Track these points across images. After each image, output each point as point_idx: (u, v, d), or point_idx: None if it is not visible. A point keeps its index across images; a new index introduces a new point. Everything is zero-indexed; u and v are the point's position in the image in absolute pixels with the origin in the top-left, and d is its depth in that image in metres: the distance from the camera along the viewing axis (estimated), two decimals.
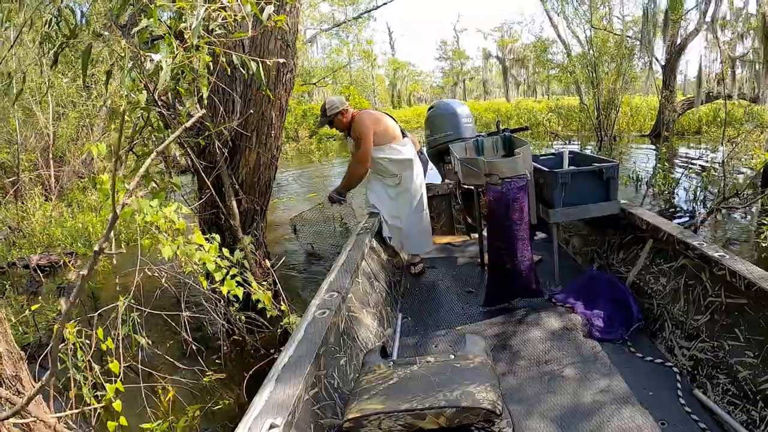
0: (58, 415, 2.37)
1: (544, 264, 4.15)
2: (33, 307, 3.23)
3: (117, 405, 2.35)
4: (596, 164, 3.77)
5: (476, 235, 4.64)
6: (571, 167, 4.12)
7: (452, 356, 2.11)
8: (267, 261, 4.26)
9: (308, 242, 5.94)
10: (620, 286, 3.28)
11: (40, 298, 5.27)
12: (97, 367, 2.61)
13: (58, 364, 2.49)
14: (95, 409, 2.55)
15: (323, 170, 14.36)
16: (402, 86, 48.82)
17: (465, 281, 4.10)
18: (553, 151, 6.08)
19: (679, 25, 16.36)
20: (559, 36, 20.67)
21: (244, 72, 2.38)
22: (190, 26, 2.13)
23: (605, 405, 2.44)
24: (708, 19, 15.50)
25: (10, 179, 9.26)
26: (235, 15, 2.31)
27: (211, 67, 2.80)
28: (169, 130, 3.42)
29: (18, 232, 7.92)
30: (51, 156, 10.69)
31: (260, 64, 2.38)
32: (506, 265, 3.36)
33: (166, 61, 2.01)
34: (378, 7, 22.44)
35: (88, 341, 2.64)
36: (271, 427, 1.57)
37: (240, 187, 4.01)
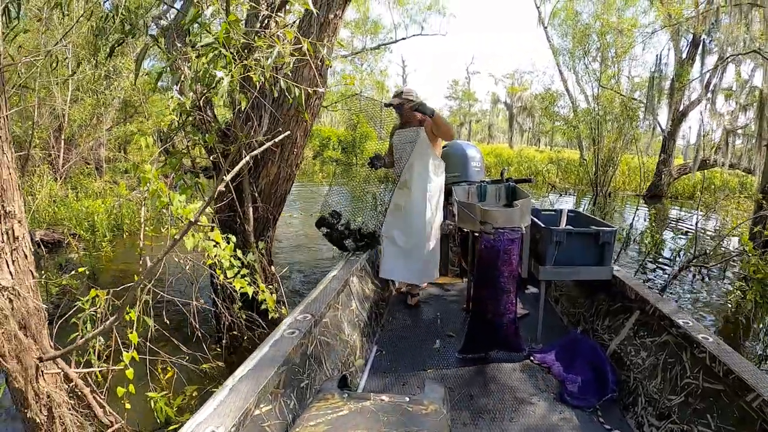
0: (78, 370, 2.62)
1: (530, 319, 4.10)
2: (60, 279, 3.48)
3: (129, 373, 2.60)
4: (594, 227, 3.77)
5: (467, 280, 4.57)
6: (568, 227, 4.09)
7: (407, 398, 2.06)
8: (272, 267, 4.56)
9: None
10: (600, 354, 3.24)
11: (42, 271, 5.51)
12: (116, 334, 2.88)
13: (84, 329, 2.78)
14: (111, 371, 2.81)
15: (324, 191, 14.72)
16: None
17: (447, 324, 4.07)
18: (551, 203, 6.27)
19: (683, 93, 16.96)
20: (567, 90, 21.30)
21: (287, 95, 2.70)
22: (258, 59, 2.46)
23: None
24: (711, 89, 16.12)
25: (21, 153, 9.50)
26: (284, 45, 2.63)
27: (257, 85, 3.15)
28: (199, 134, 3.77)
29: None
30: (63, 137, 10.98)
31: (301, 90, 2.71)
32: (488, 315, 3.33)
33: (226, 77, 2.34)
34: (397, 41, 23.10)
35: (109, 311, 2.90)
36: None
37: (258, 195, 4.32)
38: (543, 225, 3.72)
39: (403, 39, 24.87)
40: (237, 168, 2.28)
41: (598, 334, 3.60)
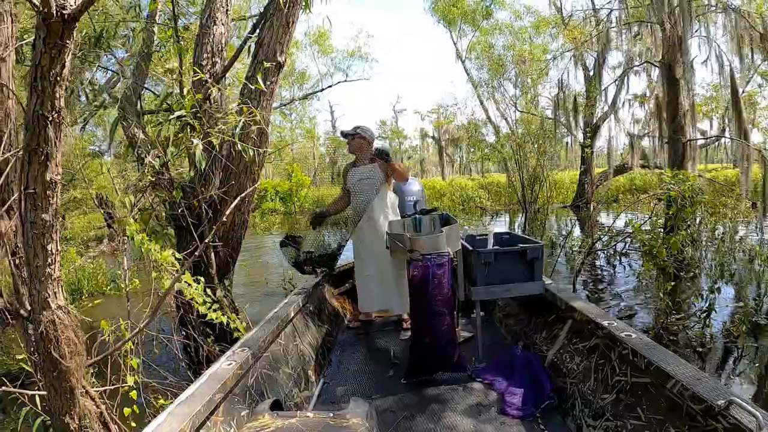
0: (99, 388, 3.18)
1: (474, 340, 4.09)
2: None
3: (134, 394, 3.17)
4: (521, 245, 3.91)
5: None
6: (495, 247, 4.20)
7: (331, 414, 2.15)
8: (234, 303, 5.17)
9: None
10: (536, 364, 3.36)
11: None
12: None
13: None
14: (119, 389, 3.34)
15: (263, 241, 15.39)
16: (342, 163, 50.36)
17: (394, 352, 4.14)
18: (484, 226, 6.66)
19: (595, 107, 18.55)
20: (489, 118, 22.75)
21: (240, 153, 3.39)
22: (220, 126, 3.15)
23: None
24: (613, 100, 17.84)
25: None
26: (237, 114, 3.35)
27: (217, 147, 3.84)
28: (165, 192, 4.40)
29: None
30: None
31: (255, 151, 3.42)
32: (426, 339, 3.42)
33: (199, 146, 3.03)
34: (323, 89, 24.10)
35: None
36: None
37: (218, 241, 4.93)
38: (471, 248, 3.86)
39: (330, 87, 26.05)
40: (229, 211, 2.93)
41: (537, 347, 3.68)
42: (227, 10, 5.40)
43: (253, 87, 4.21)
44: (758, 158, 11.32)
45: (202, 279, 3.97)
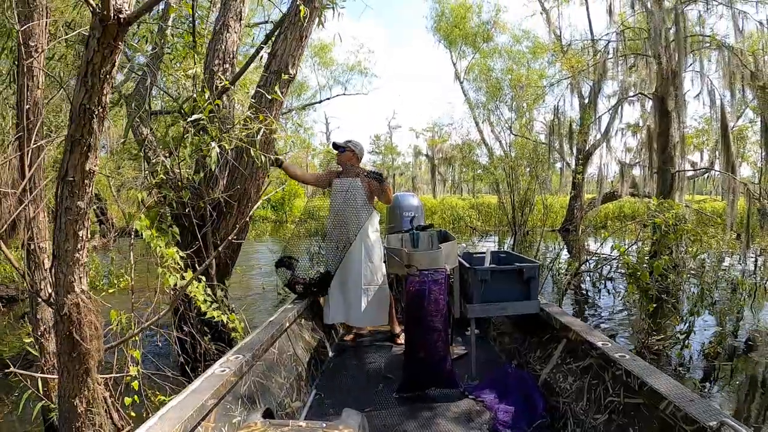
0: (104, 376, 3.28)
1: (468, 358, 4.09)
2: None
3: (135, 384, 3.29)
4: (518, 263, 3.92)
5: None
6: (492, 265, 4.24)
7: (324, 424, 2.13)
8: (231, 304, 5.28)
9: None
10: (529, 382, 3.37)
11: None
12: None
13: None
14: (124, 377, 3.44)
15: (257, 248, 15.57)
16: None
17: (387, 365, 4.15)
18: (474, 245, 6.76)
19: (588, 134, 18.88)
20: (483, 140, 23.04)
21: (253, 159, 3.54)
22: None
23: None
24: (606, 129, 18.22)
25: None
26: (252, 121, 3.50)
27: (228, 151, 3.98)
28: (172, 191, 4.52)
29: None
30: None
31: (267, 157, 3.56)
32: (420, 354, 3.43)
33: (216, 149, 3.17)
34: (321, 101, 24.33)
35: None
36: None
37: (219, 243, 5.04)
38: (469, 266, 3.86)
39: (328, 99, 26.29)
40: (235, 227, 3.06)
41: (531, 366, 3.68)
42: (240, 18, 5.56)
43: (270, 97, 4.37)
44: (744, 191, 11.63)
45: (203, 278, 4.09)
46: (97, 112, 1.82)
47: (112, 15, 1.64)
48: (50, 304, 2.70)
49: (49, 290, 2.65)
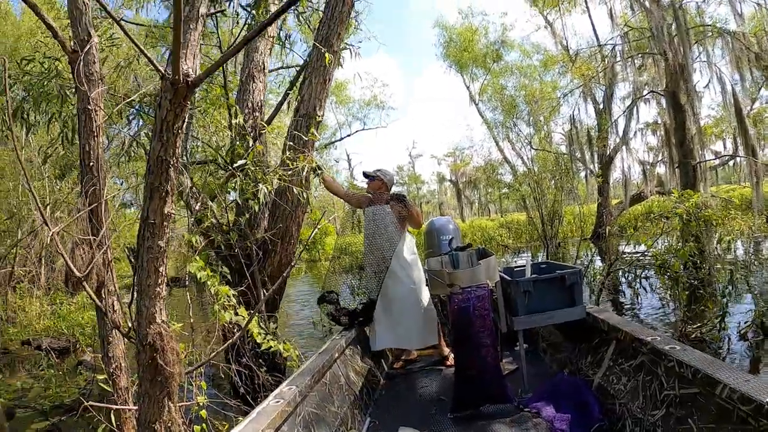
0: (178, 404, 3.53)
1: (519, 372, 4.04)
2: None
3: (203, 413, 3.53)
4: (559, 271, 3.87)
5: None
6: (533, 275, 4.19)
7: None
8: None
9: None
10: (583, 389, 3.34)
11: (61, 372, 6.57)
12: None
13: None
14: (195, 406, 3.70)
15: (295, 283, 15.83)
16: (361, 211, 50.63)
17: (439, 388, 4.14)
18: (506, 263, 6.88)
19: (607, 138, 18.97)
20: (505, 158, 23.22)
21: (297, 197, 3.84)
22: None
23: None
24: (624, 130, 18.30)
25: (4, 270, 10.58)
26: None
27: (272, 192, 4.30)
28: (219, 234, 4.86)
29: (13, 322, 9.37)
30: (43, 254, 11.92)
31: (309, 194, 3.87)
32: (471, 371, 3.42)
33: (263, 191, 3.48)
34: (342, 138, 24.86)
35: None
36: None
37: (267, 279, 5.34)
38: (510, 278, 3.86)
39: (348, 136, 26.78)
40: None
41: (583, 372, 3.63)
42: (264, 69, 5.97)
43: (306, 138, 4.73)
44: (767, 173, 11.60)
45: (257, 313, 4.38)
46: (172, 162, 2.12)
47: (181, 79, 1.96)
48: (129, 338, 2.98)
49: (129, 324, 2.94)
